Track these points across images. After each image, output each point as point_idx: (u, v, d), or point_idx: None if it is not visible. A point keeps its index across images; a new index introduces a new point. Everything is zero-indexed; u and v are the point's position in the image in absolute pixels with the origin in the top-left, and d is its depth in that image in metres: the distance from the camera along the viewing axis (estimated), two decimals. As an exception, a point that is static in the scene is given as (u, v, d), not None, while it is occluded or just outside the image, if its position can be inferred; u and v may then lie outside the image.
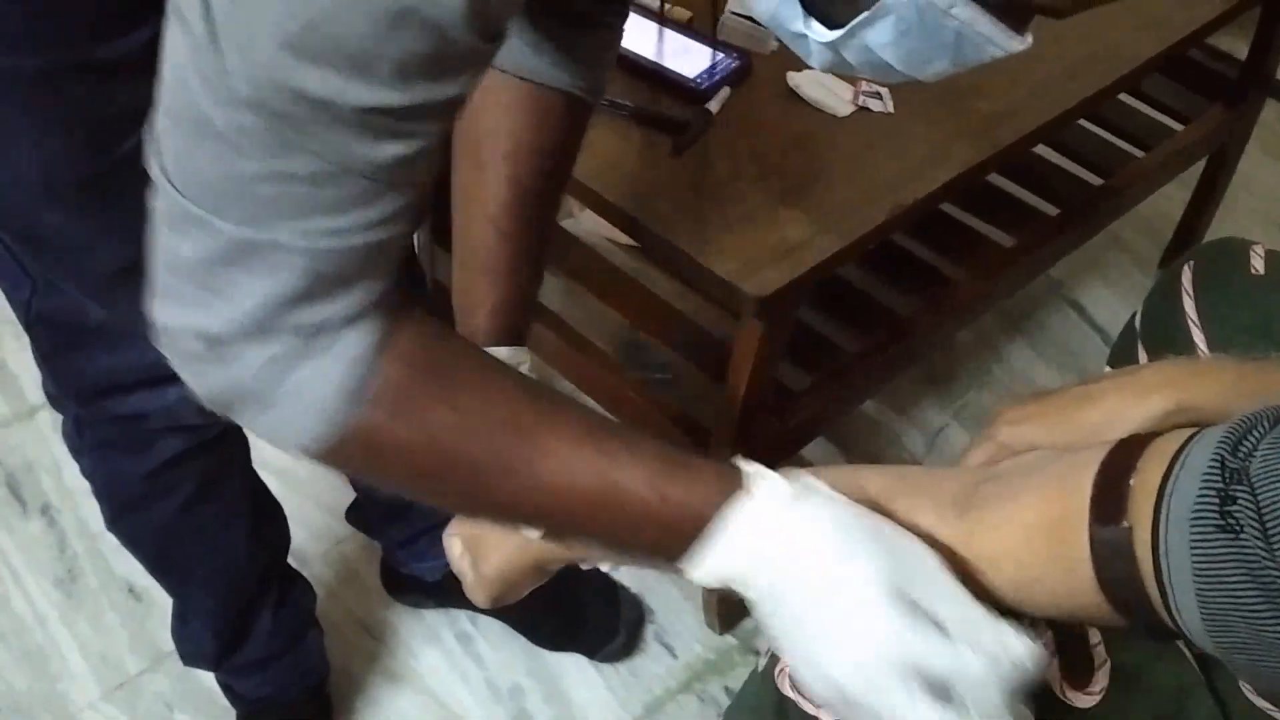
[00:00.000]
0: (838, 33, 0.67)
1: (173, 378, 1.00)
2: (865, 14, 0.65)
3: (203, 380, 0.67)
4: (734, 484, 0.71)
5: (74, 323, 1.08)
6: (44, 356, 1.14)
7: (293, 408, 0.66)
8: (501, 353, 0.99)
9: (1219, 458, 0.63)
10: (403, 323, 0.68)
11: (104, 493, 1.28)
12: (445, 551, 0.94)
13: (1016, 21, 0.65)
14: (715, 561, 0.71)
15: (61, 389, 1.17)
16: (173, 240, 0.64)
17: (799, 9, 0.69)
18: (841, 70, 0.71)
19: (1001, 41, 0.65)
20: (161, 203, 0.64)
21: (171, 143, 0.63)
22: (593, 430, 0.72)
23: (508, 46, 0.95)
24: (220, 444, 1.25)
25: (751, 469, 0.72)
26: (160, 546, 1.33)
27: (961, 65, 0.68)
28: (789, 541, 0.70)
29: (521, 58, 0.95)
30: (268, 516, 1.41)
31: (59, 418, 1.23)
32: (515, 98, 0.97)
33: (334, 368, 0.65)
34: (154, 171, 0.64)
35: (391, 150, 0.62)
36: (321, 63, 0.58)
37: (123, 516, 1.29)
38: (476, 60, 0.63)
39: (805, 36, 0.69)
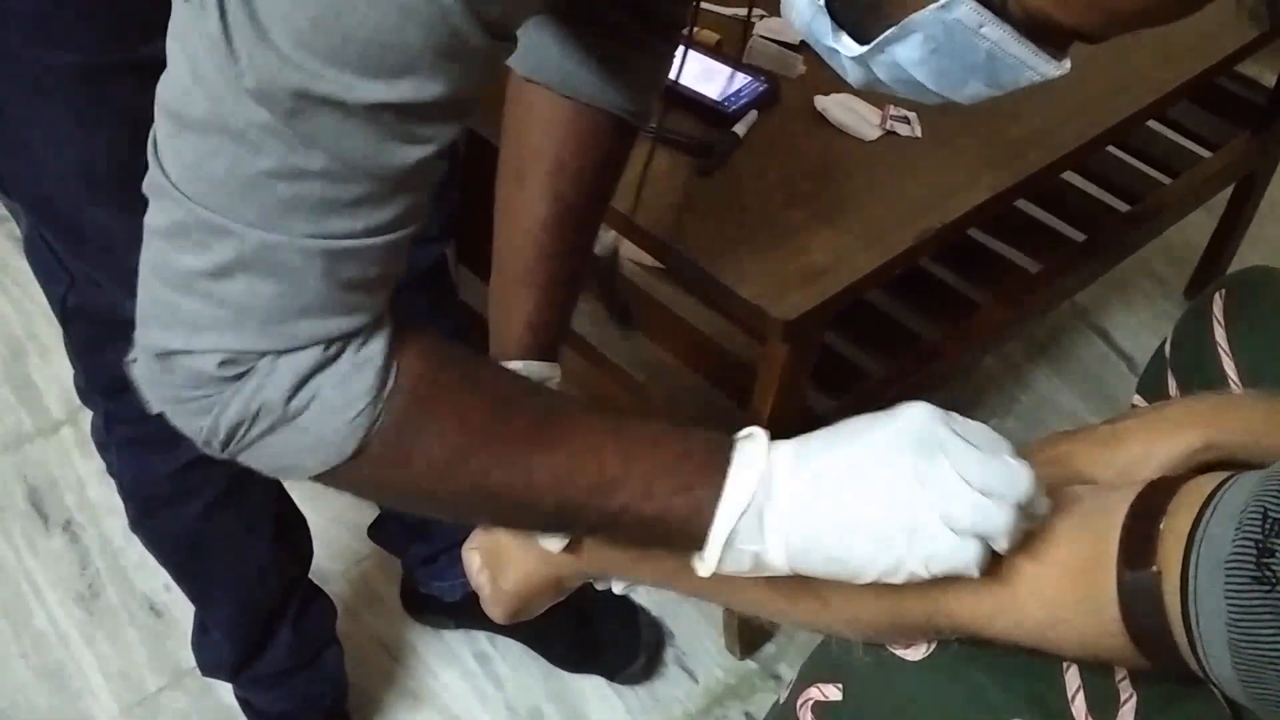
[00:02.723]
0: (865, 48, 0.67)
1: None
2: (893, 29, 0.64)
3: (216, 410, 0.65)
4: (724, 460, 0.72)
5: (108, 317, 1.07)
6: (78, 351, 1.15)
7: (315, 422, 0.65)
8: (533, 368, 0.99)
9: (1261, 508, 0.63)
10: (409, 330, 0.69)
11: (130, 491, 1.28)
12: (464, 566, 0.94)
13: (1053, 45, 0.65)
14: (729, 524, 0.71)
15: (93, 383, 1.18)
16: (177, 255, 0.63)
17: (829, 24, 0.68)
18: (877, 88, 0.70)
19: (1036, 65, 0.65)
20: (165, 215, 0.63)
21: (181, 149, 0.62)
22: (605, 420, 0.74)
23: (557, 65, 0.95)
24: None
25: (744, 436, 0.74)
26: (184, 549, 1.33)
27: (999, 88, 0.67)
28: (788, 472, 0.71)
29: (570, 76, 0.96)
30: (292, 526, 1.41)
31: (83, 434, 1.24)
32: (562, 116, 0.97)
33: (356, 376, 0.66)
34: (157, 182, 0.63)
35: (400, 154, 0.62)
36: (330, 59, 0.58)
37: (148, 517, 1.29)
38: (487, 59, 0.63)
39: (837, 52, 0.69)
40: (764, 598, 0.82)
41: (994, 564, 0.72)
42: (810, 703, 0.80)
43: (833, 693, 0.79)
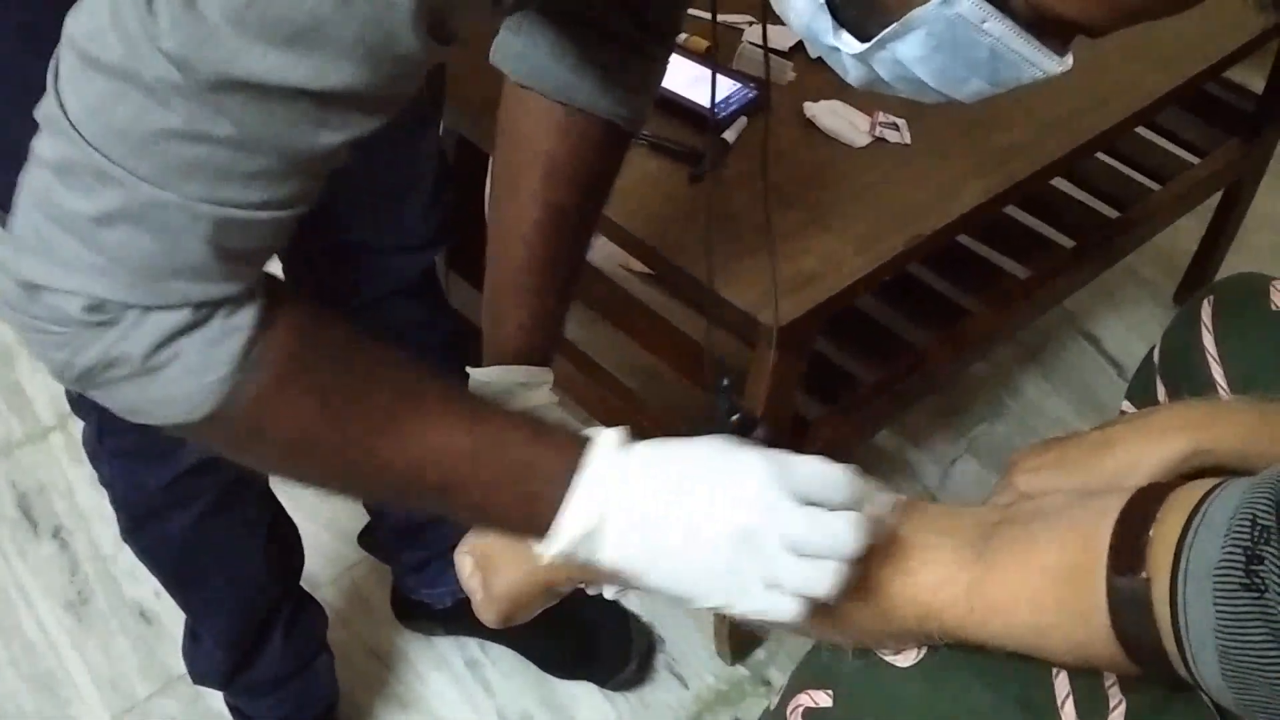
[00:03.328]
0: (867, 45, 0.66)
1: None
2: (894, 26, 0.64)
3: (73, 349, 0.64)
4: (578, 452, 0.74)
5: None
6: None
7: (177, 378, 0.65)
8: (523, 372, 0.99)
9: (1250, 515, 0.63)
10: (287, 300, 0.68)
11: (122, 501, 1.27)
12: (456, 569, 0.94)
13: (1055, 40, 0.64)
14: (570, 519, 0.73)
15: (85, 398, 1.17)
16: (64, 192, 0.61)
17: (830, 21, 0.68)
18: (878, 88, 0.70)
19: (1039, 62, 0.64)
20: (56, 150, 0.61)
21: (86, 88, 0.60)
22: (466, 398, 0.77)
23: (552, 71, 0.96)
24: None
25: (595, 434, 0.75)
26: (176, 558, 1.33)
27: (1000, 85, 0.66)
28: (633, 477, 0.74)
29: (565, 82, 0.96)
30: (283, 534, 1.41)
31: (72, 440, 1.24)
32: (556, 121, 0.97)
33: (222, 343, 0.65)
34: (53, 115, 0.61)
35: (311, 137, 0.62)
36: (259, 37, 0.57)
37: (140, 527, 1.28)
38: (418, 64, 0.63)
39: (838, 50, 0.69)
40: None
41: (984, 572, 0.72)
42: (801, 709, 0.80)
43: (823, 699, 0.79)
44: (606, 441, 0.75)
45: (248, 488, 1.30)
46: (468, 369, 1.00)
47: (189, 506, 1.24)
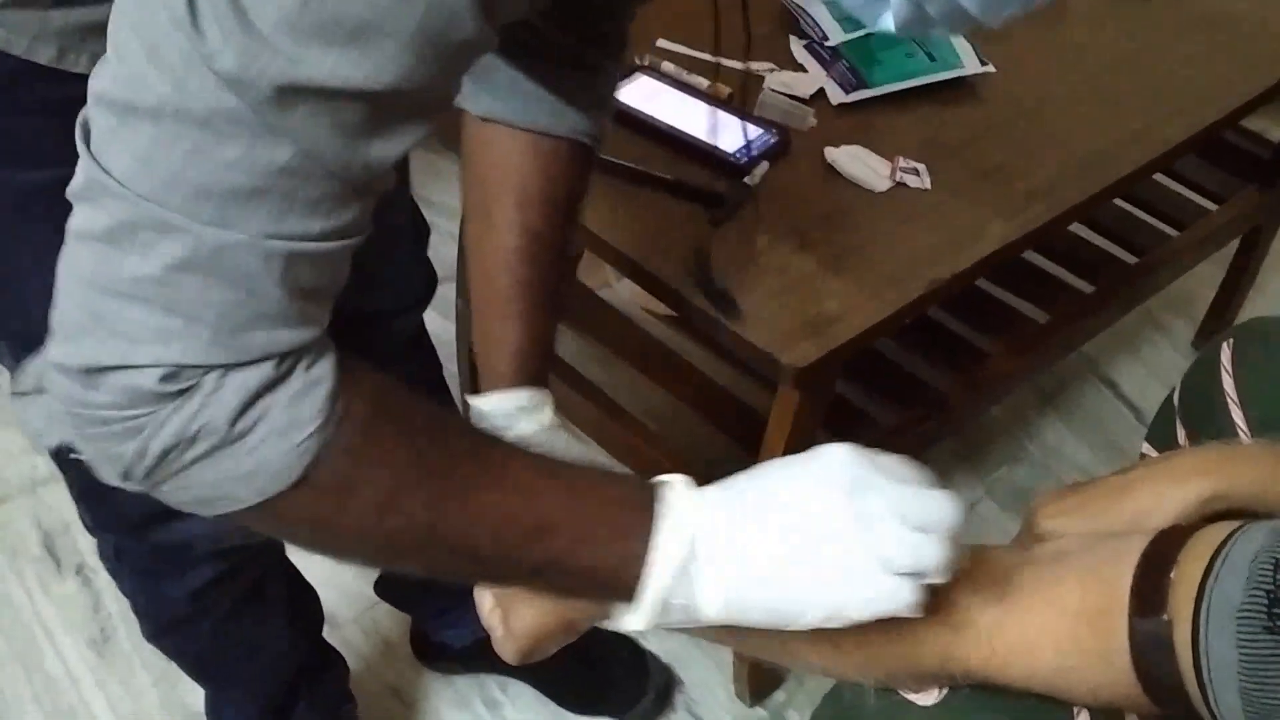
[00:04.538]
0: None
1: None
2: None
3: (148, 432, 0.59)
4: (652, 508, 0.71)
5: None
6: (81, 495, 1.10)
7: (263, 443, 0.61)
8: (523, 395, 1.00)
9: (1273, 558, 0.63)
10: (348, 356, 0.65)
11: (145, 612, 1.25)
12: (476, 606, 0.94)
13: None
14: (662, 559, 0.69)
15: (100, 523, 1.13)
16: (121, 258, 0.58)
17: None
18: (917, 30, 0.68)
19: None
20: (106, 217, 0.58)
21: (131, 140, 0.57)
22: (539, 463, 0.71)
23: (511, 100, 0.97)
24: (261, 552, 1.24)
25: (664, 482, 0.72)
26: (203, 658, 1.32)
27: (1029, 7, 0.65)
28: (721, 520, 0.70)
29: (525, 107, 0.98)
30: (303, 602, 1.41)
31: (97, 478, 1.24)
32: (521, 147, 0.99)
33: (306, 397, 0.62)
34: (93, 182, 0.58)
35: (368, 151, 0.60)
36: (321, 39, 0.55)
37: (165, 633, 1.27)
38: (469, 54, 0.62)
39: None
40: (777, 643, 0.82)
41: (1005, 614, 0.73)
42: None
43: (845, 738, 0.80)
44: (678, 481, 0.72)
45: (270, 580, 1.28)
46: (466, 397, 1.01)
47: (213, 612, 1.23)
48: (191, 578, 1.17)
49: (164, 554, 1.14)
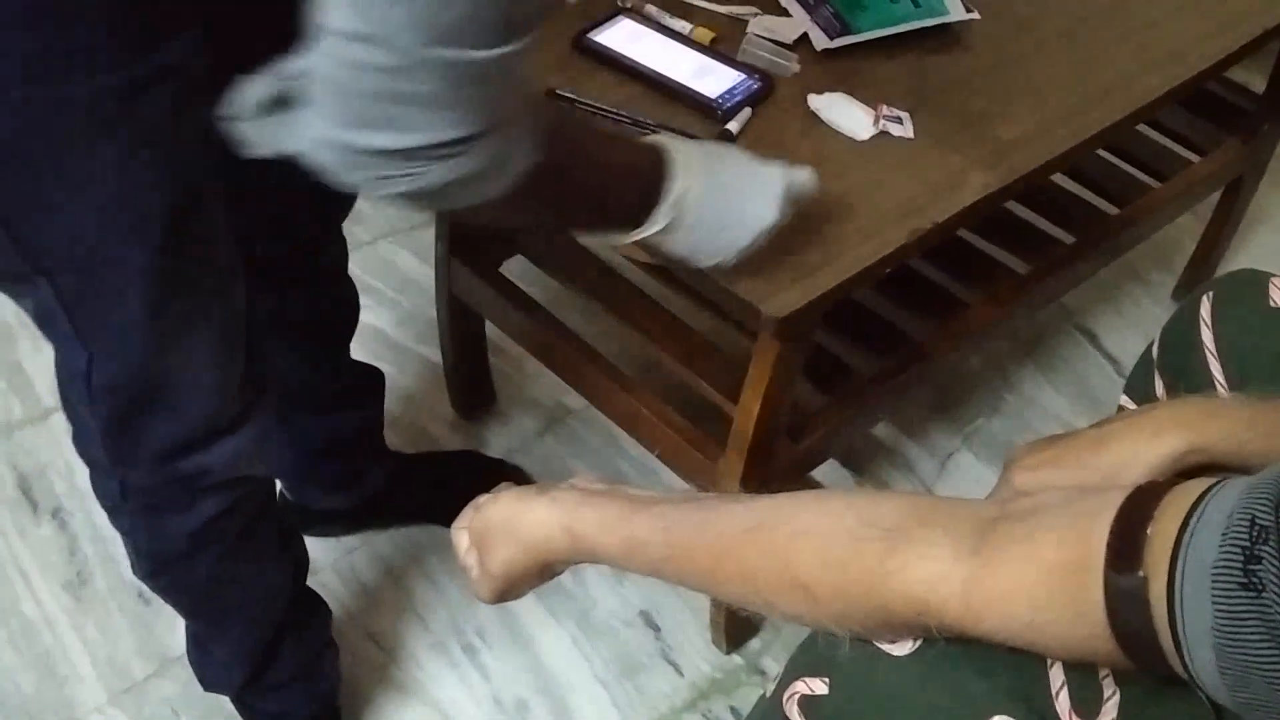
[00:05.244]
0: None
1: (231, 428, 1.06)
2: None
3: (422, 175, 0.80)
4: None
5: (135, 386, 1.04)
6: (104, 429, 1.09)
7: (517, 155, 0.87)
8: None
9: (1249, 515, 0.63)
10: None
11: (144, 550, 1.24)
12: (453, 546, 0.95)
13: None
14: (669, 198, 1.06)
15: (123, 457, 1.12)
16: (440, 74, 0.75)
17: None
18: None
19: None
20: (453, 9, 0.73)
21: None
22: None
23: None
24: (259, 491, 1.25)
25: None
26: (200, 596, 1.33)
27: None
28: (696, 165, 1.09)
29: None
30: (293, 540, 1.42)
31: (74, 420, 1.22)
32: None
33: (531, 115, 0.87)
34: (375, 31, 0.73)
35: None
36: None
37: (163, 571, 1.27)
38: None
39: None
40: (752, 590, 0.83)
41: (981, 568, 0.73)
42: (796, 697, 0.81)
43: (819, 687, 0.80)
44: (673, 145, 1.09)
45: (264, 518, 1.29)
46: None
47: (212, 549, 1.23)
48: (197, 512, 1.18)
49: (177, 486, 1.15)
